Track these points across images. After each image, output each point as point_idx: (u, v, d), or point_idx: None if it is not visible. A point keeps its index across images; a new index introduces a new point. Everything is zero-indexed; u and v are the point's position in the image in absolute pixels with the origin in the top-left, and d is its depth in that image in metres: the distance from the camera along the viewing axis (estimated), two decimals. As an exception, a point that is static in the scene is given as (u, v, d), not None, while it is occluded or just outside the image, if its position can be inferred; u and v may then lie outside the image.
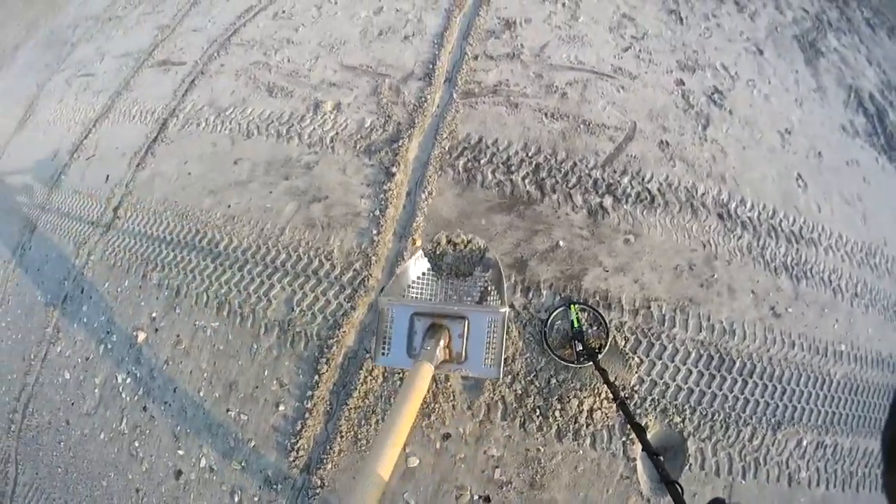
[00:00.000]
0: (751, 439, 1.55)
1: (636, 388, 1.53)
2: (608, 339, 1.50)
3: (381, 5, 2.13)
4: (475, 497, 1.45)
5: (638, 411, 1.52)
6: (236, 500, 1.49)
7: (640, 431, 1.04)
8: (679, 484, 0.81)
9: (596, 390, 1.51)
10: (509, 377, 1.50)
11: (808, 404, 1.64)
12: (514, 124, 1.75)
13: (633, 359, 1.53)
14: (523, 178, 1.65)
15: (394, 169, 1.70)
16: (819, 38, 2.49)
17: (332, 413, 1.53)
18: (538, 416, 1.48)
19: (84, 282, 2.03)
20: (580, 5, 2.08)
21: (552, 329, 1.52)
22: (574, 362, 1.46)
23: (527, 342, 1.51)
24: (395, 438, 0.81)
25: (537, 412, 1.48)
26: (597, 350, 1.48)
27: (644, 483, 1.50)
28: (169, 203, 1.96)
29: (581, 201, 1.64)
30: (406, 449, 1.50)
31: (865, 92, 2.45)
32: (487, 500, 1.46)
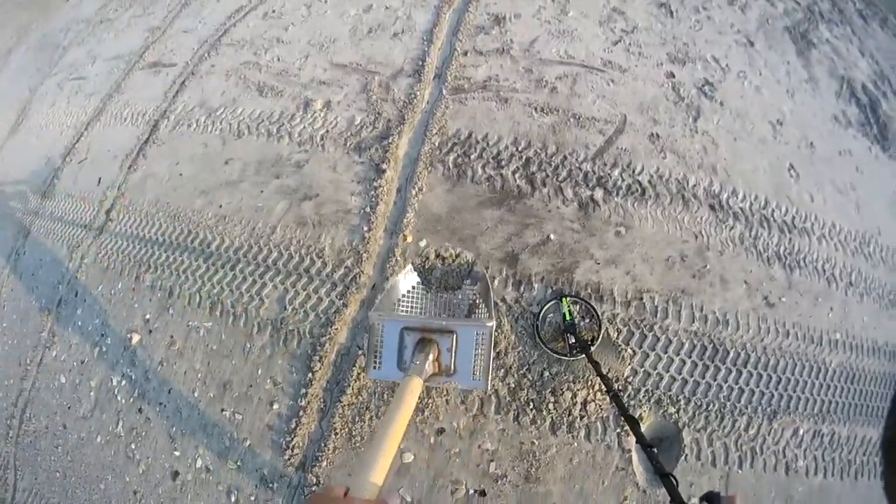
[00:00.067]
0: (746, 429, 1.55)
1: (630, 379, 1.53)
2: (601, 331, 1.50)
3: (370, 3, 2.13)
4: (471, 491, 1.45)
5: (632, 403, 1.52)
6: (233, 499, 1.48)
7: (633, 424, 1.03)
8: (674, 476, 0.80)
9: (589, 382, 1.51)
10: (502, 371, 1.49)
11: (803, 393, 1.63)
12: (503, 119, 1.75)
13: (626, 350, 1.53)
14: (513, 173, 1.65)
15: (384, 166, 1.70)
16: (811, 30, 2.49)
17: (326, 410, 1.53)
18: (532, 410, 1.48)
19: (78, 285, 2.03)
20: (570, 0, 2.08)
21: (544, 322, 1.51)
22: (567, 355, 1.46)
23: (519, 336, 1.51)
24: (385, 450, 0.80)
25: (531, 405, 1.48)
26: (589, 342, 1.48)
27: (640, 474, 1.50)
28: (161, 204, 1.95)
29: (572, 194, 1.63)
30: (401, 444, 1.50)
31: (858, 83, 2.45)
32: (483, 493, 1.46)
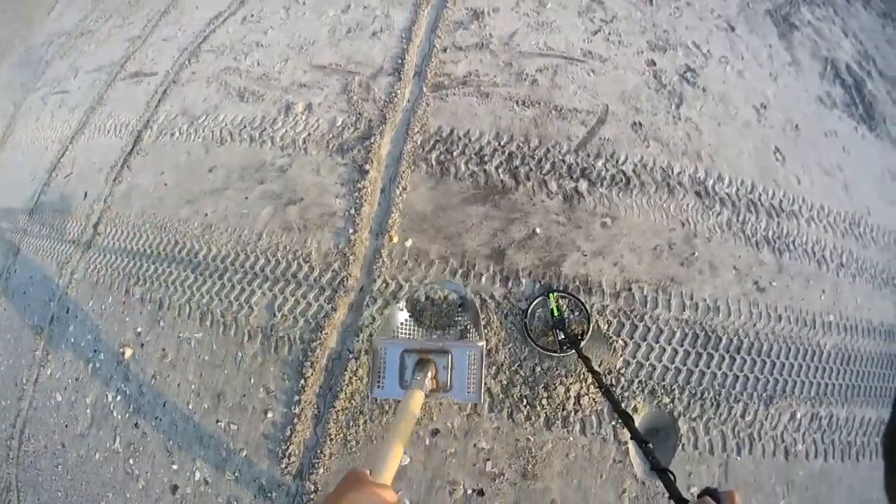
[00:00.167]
0: (743, 415, 1.54)
1: (622, 371, 1.52)
2: (590, 324, 1.49)
3: (348, 3, 2.12)
4: (469, 491, 1.44)
5: (625, 394, 1.51)
6: (232, 510, 1.48)
7: (627, 419, 1.02)
8: (671, 471, 0.79)
9: (582, 376, 1.51)
10: (493, 368, 1.49)
11: (799, 377, 1.62)
12: (485, 114, 1.74)
13: (617, 342, 1.52)
14: (497, 168, 1.64)
15: (367, 166, 1.69)
16: (792, 12, 2.48)
17: (321, 416, 1.52)
18: (525, 406, 1.47)
19: (69, 302, 2.02)
20: (549, -8, 2.07)
21: (533, 319, 1.51)
22: (557, 351, 1.45)
23: (509, 332, 1.50)
24: (392, 457, 0.91)
25: (524, 402, 1.47)
26: (579, 337, 1.47)
27: (637, 466, 1.49)
28: (147, 216, 1.94)
29: (556, 187, 1.63)
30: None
31: (842, 63, 2.44)
32: (481, 493, 1.45)
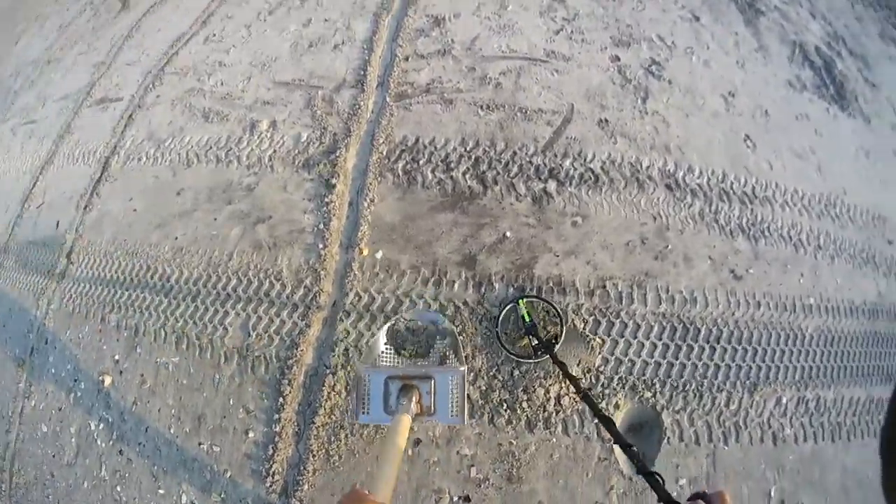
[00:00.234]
0: (727, 404, 1.54)
1: (601, 368, 1.51)
2: (563, 327, 1.48)
3: (309, 17, 2.11)
4: (455, 498, 1.44)
5: (606, 391, 1.51)
6: (221, 533, 1.46)
7: (608, 424, 1.00)
8: (658, 474, 0.77)
9: (561, 377, 1.50)
10: (472, 374, 1.48)
11: (782, 362, 1.62)
12: (449, 121, 1.74)
13: (594, 340, 1.52)
14: (464, 174, 1.64)
15: (334, 180, 1.69)
16: (758, -2, 2.49)
17: (302, 433, 1.51)
18: (506, 410, 1.47)
19: (47, 333, 2.00)
20: (510, -7, 2.07)
21: (507, 324, 1.50)
22: (532, 357, 1.44)
23: (485, 338, 1.49)
24: (388, 477, 0.94)
25: (504, 406, 1.47)
26: (553, 340, 1.46)
27: (623, 463, 1.49)
28: (118, 242, 1.93)
29: (524, 189, 1.62)
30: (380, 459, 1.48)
31: (811, 45, 2.45)
32: (467, 499, 1.44)
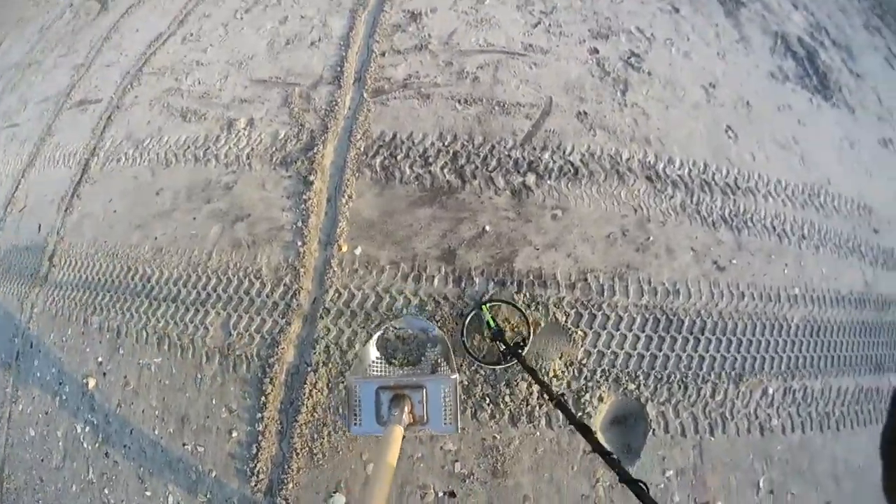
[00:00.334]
0: (713, 395, 1.54)
1: (584, 361, 1.51)
2: (530, 329, 1.45)
3: (286, 15, 2.10)
4: (440, 494, 1.44)
5: (589, 384, 1.51)
6: (208, 533, 1.46)
7: (585, 432, 0.99)
8: (643, 482, 0.76)
9: (543, 370, 1.50)
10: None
11: (767, 353, 1.62)
12: (427, 115, 1.73)
13: (576, 333, 1.51)
14: (442, 168, 1.63)
15: (311, 177, 1.68)
16: (739, -11, 2.48)
17: (285, 432, 1.51)
18: (489, 405, 1.46)
19: (32, 336, 2.00)
20: (487, -12, 2.05)
21: (471, 334, 1.48)
22: (501, 363, 1.43)
23: (467, 332, 1.49)
24: (380, 493, 0.93)
25: (487, 400, 1.46)
26: (521, 344, 1.43)
27: None
28: (99, 244, 1.92)
29: (503, 183, 1.62)
30: (363, 456, 1.48)
31: (793, 36, 2.44)
32: (452, 494, 1.44)
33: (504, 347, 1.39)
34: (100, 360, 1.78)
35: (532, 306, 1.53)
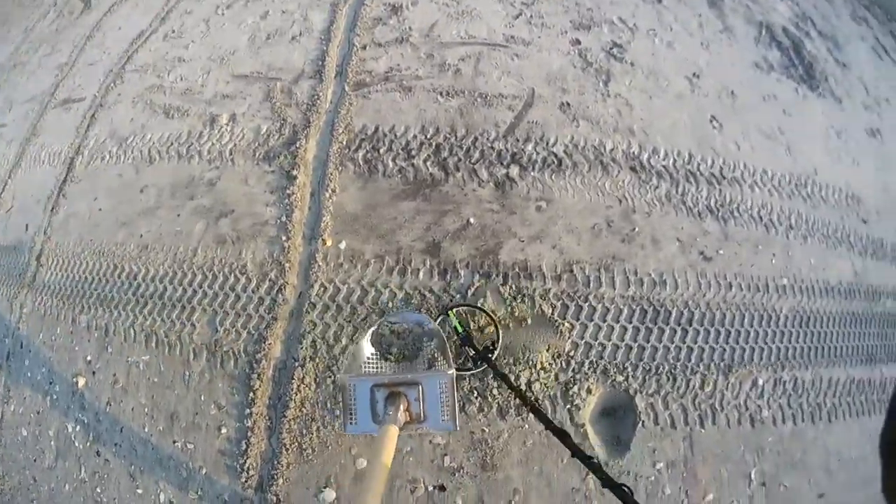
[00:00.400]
0: (702, 387, 1.53)
1: (571, 353, 1.51)
2: (498, 332, 1.44)
3: (266, 10, 2.09)
4: (430, 488, 1.44)
5: (577, 376, 1.51)
6: (201, 530, 1.47)
7: (562, 436, 0.98)
8: (627, 486, 0.75)
9: (531, 362, 1.49)
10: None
11: (756, 343, 1.61)
12: (409, 108, 1.72)
13: (563, 325, 1.52)
14: (425, 161, 1.63)
15: (294, 172, 1.68)
16: (724, -21, 2.47)
17: (274, 427, 1.51)
18: (477, 398, 1.46)
19: (21, 336, 1.99)
20: (468, -20, 2.04)
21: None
22: (472, 369, 1.41)
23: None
24: (375, 494, 0.92)
25: (475, 393, 1.46)
26: (490, 348, 1.41)
27: (599, 446, 1.49)
28: (85, 243, 1.91)
29: (487, 175, 1.62)
30: (352, 451, 1.49)
31: (778, 27, 2.44)
32: (442, 488, 1.45)
33: (473, 353, 1.37)
34: (89, 358, 1.77)
35: (518, 298, 1.53)
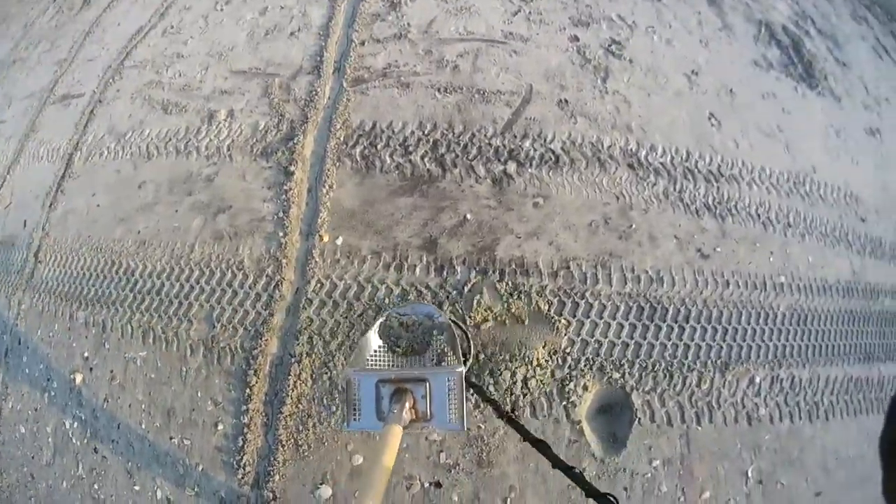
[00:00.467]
0: (699, 384, 1.53)
1: (567, 350, 1.51)
2: (470, 342, 1.42)
3: (265, 5, 2.09)
4: (426, 484, 1.44)
5: (573, 373, 1.50)
6: (198, 527, 1.47)
7: (544, 448, 0.97)
8: (613, 496, 0.75)
9: (527, 359, 1.49)
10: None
11: (753, 341, 1.61)
12: (407, 104, 1.72)
13: (559, 321, 1.51)
14: (422, 157, 1.63)
15: (292, 168, 1.68)
16: (724, -23, 2.47)
17: (270, 424, 1.51)
18: (473, 394, 1.46)
19: (20, 333, 1.99)
20: (467, -23, 2.04)
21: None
22: None
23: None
24: (376, 495, 0.87)
25: (470, 390, 1.46)
26: (463, 355, 1.38)
27: (595, 444, 1.49)
28: (83, 239, 1.91)
29: (484, 171, 1.62)
30: (348, 447, 1.48)
31: (777, 25, 2.43)
32: (438, 485, 1.45)
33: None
34: (86, 355, 1.77)
35: (514, 295, 1.53)
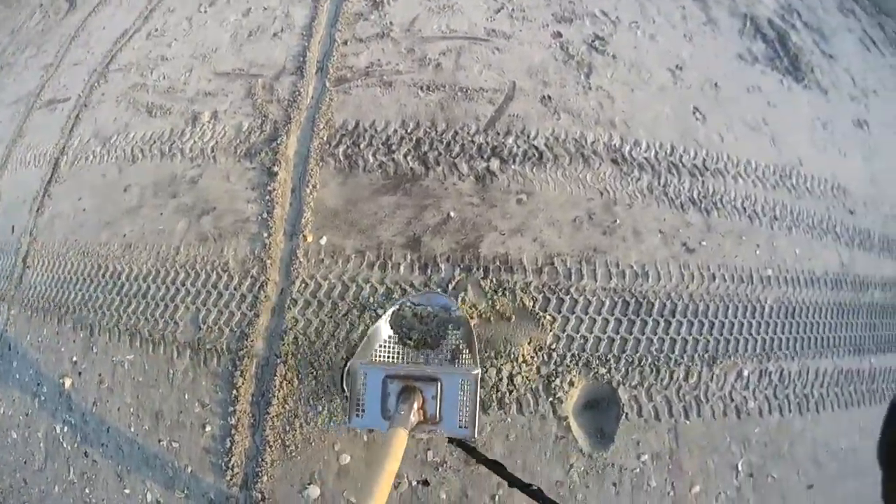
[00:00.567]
0: (686, 378, 1.54)
1: (553, 346, 1.51)
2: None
3: (248, 7, 2.09)
4: (413, 483, 1.44)
5: (559, 369, 1.51)
6: (188, 529, 1.47)
7: (498, 468, 0.95)
8: None
9: (512, 355, 1.50)
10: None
11: (741, 334, 1.61)
12: (389, 103, 1.72)
13: (544, 318, 1.52)
14: (405, 156, 1.63)
15: (275, 168, 1.68)
16: (708, -29, 2.47)
17: (257, 424, 1.51)
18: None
19: (9, 338, 1.99)
20: (449, -25, 2.04)
21: None
22: None
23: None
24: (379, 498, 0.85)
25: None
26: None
27: (582, 440, 1.49)
28: (70, 243, 1.92)
29: (467, 169, 1.62)
30: (335, 447, 1.49)
31: (763, 19, 2.43)
32: (426, 483, 1.45)
33: None
34: (74, 359, 1.78)
35: (499, 292, 1.53)
